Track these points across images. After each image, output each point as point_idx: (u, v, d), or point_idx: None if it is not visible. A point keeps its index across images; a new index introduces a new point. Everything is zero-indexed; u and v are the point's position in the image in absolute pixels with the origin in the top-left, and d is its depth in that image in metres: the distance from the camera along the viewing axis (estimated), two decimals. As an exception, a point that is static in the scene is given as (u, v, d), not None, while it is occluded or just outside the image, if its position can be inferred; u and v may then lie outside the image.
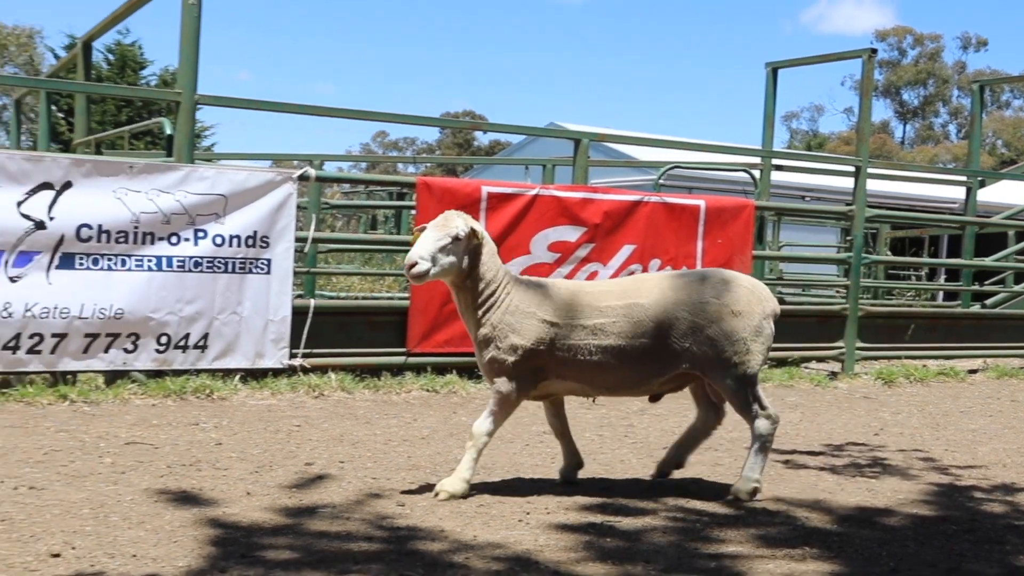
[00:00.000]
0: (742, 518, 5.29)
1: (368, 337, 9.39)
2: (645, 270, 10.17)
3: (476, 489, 5.60)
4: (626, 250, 10.19)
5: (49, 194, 7.95)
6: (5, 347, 7.79)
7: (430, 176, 10.87)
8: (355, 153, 65.35)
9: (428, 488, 5.52)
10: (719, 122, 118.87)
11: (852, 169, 12.56)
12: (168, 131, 9.25)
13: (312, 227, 10.13)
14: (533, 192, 9.85)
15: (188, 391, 8.18)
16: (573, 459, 5.88)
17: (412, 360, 9.39)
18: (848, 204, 13.09)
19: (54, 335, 7.93)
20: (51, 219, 7.93)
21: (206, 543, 4.45)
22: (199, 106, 9.00)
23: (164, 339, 8.33)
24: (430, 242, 5.30)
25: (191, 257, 8.40)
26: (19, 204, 7.83)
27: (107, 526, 4.65)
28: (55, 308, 7.92)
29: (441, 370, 9.43)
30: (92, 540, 4.42)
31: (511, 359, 5.40)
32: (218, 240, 8.51)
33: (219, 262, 8.52)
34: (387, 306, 10.71)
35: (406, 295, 10.30)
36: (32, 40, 54.67)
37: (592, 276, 9.95)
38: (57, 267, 7.95)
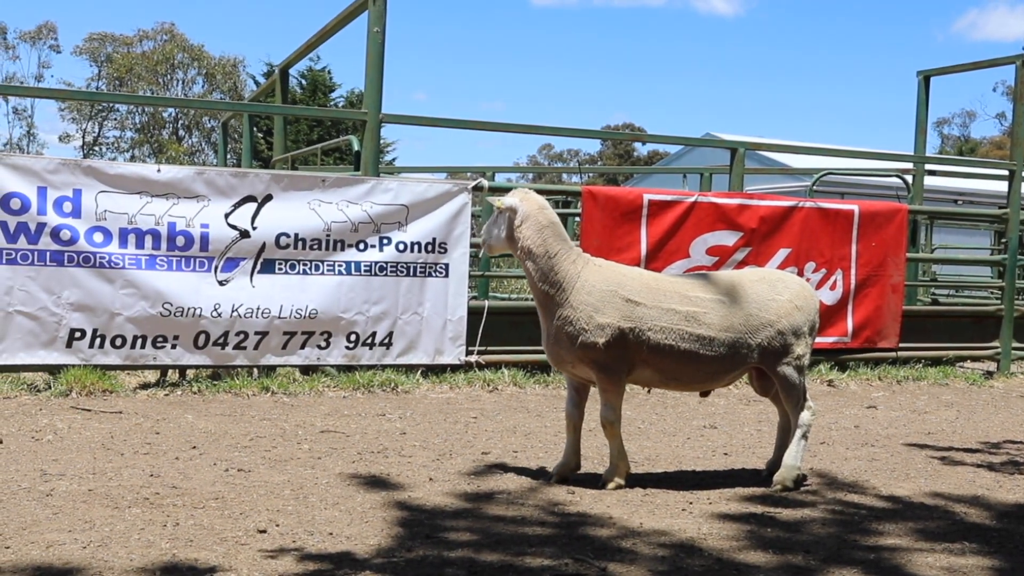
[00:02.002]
0: (900, 512, 5.10)
1: (538, 336, 9.35)
2: (801, 273, 9.92)
3: (641, 480, 5.56)
4: (782, 253, 9.97)
5: (252, 206, 8.26)
6: (215, 343, 8.12)
7: (594, 185, 10.83)
8: (523, 164, 65.80)
9: (595, 477, 5.50)
10: (871, 129, 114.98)
11: (1006, 173, 11.98)
12: (356, 147, 9.47)
13: (486, 234, 10.23)
14: (692, 199, 9.72)
15: (375, 384, 8.37)
16: (575, 458, 5.49)
17: (578, 357, 9.36)
18: (1001, 207, 12.49)
19: (257, 333, 8.23)
20: (254, 228, 8.24)
21: (394, 524, 4.53)
22: (383, 124, 9.18)
23: (353, 337, 8.55)
24: (490, 219, 5.51)
25: (377, 262, 8.59)
26: (227, 216, 8.16)
27: (306, 506, 4.79)
28: (258, 309, 8.22)
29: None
30: (293, 518, 4.56)
31: (602, 340, 5.17)
32: (401, 246, 8.67)
33: (402, 267, 8.69)
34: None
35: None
36: (236, 69, 56.94)
37: (749, 278, 9.77)
38: (259, 272, 8.24)
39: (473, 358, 8.98)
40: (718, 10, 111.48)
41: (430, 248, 8.78)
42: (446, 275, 8.85)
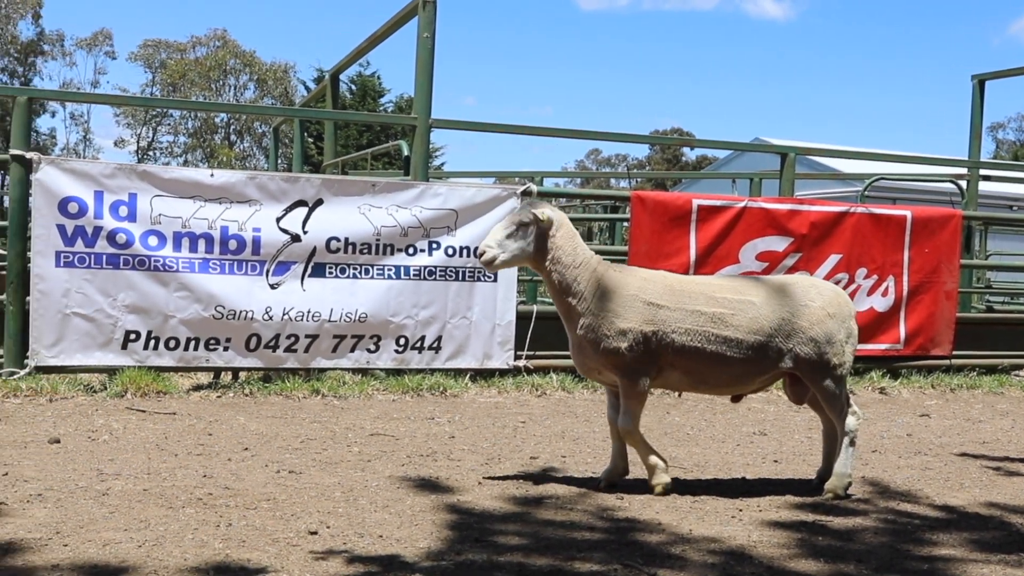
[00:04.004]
0: (954, 522, 5.03)
1: (586, 341, 9.38)
2: (852, 279, 9.83)
3: (691, 486, 5.53)
4: (833, 259, 9.87)
5: (303, 210, 8.33)
6: (266, 346, 8.20)
7: (642, 190, 10.81)
8: (571, 169, 65.76)
9: (644, 483, 5.48)
10: (925, 134, 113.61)
11: (1064, 178, 11.80)
12: (405, 152, 9.53)
13: (534, 239, 10.24)
14: (742, 204, 9.66)
15: (424, 388, 8.40)
16: (623, 463, 5.45)
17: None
18: (1059, 213, 12.31)
19: (307, 336, 8.29)
20: (305, 233, 8.31)
21: (443, 527, 4.55)
22: (432, 129, 9.22)
23: (402, 341, 8.59)
24: (498, 231, 5.21)
25: (426, 266, 8.63)
26: (278, 220, 8.24)
27: (356, 508, 4.82)
28: (308, 312, 8.29)
29: (654, 372, 9.32)
30: (344, 520, 4.59)
31: (624, 345, 5.12)
32: (450, 251, 8.70)
33: (451, 271, 8.72)
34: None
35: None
36: (287, 74, 57.58)
37: (799, 284, 9.71)
38: (310, 275, 8.32)
39: (521, 362, 8.99)
40: (769, 13, 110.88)
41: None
42: (495, 280, 8.86)
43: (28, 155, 7.81)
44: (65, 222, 7.74)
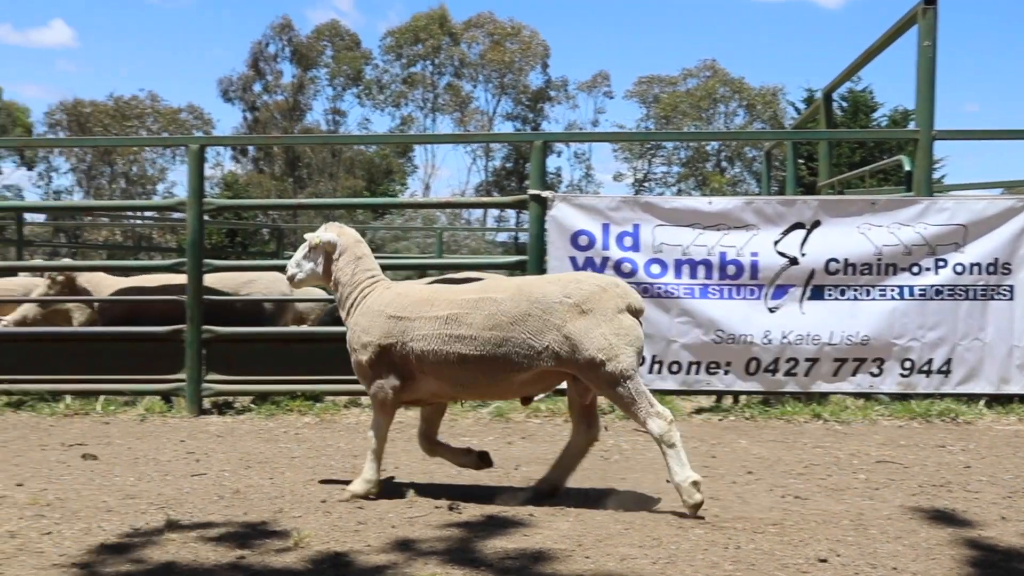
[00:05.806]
0: None
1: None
2: None
3: None
4: None
5: (800, 233, 8.24)
6: (765, 370, 8.19)
7: None
8: (1094, 173, 58.95)
9: None
10: None
11: None
12: (907, 167, 9.10)
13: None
14: None
15: (932, 414, 7.92)
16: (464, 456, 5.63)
17: None
18: None
19: (807, 359, 8.17)
20: (802, 255, 8.21)
21: (963, 563, 4.25)
22: (935, 141, 8.71)
23: (908, 364, 8.17)
24: (300, 251, 5.72)
25: (932, 286, 8.16)
26: (775, 243, 8.22)
27: (866, 538, 4.65)
28: (807, 335, 8.16)
29: None
30: (854, 549, 4.45)
31: (365, 357, 5.33)
32: (958, 268, 8.16)
33: (960, 290, 8.17)
34: None
35: None
36: (775, 97, 57.35)
37: None
38: (808, 298, 8.19)
39: (1045, 388, 8.18)
40: None
41: (992, 269, 8.16)
42: (1011, 297, 8.16)
43: (544, 194, 8.47)
44: (576, 254, 8.29)
